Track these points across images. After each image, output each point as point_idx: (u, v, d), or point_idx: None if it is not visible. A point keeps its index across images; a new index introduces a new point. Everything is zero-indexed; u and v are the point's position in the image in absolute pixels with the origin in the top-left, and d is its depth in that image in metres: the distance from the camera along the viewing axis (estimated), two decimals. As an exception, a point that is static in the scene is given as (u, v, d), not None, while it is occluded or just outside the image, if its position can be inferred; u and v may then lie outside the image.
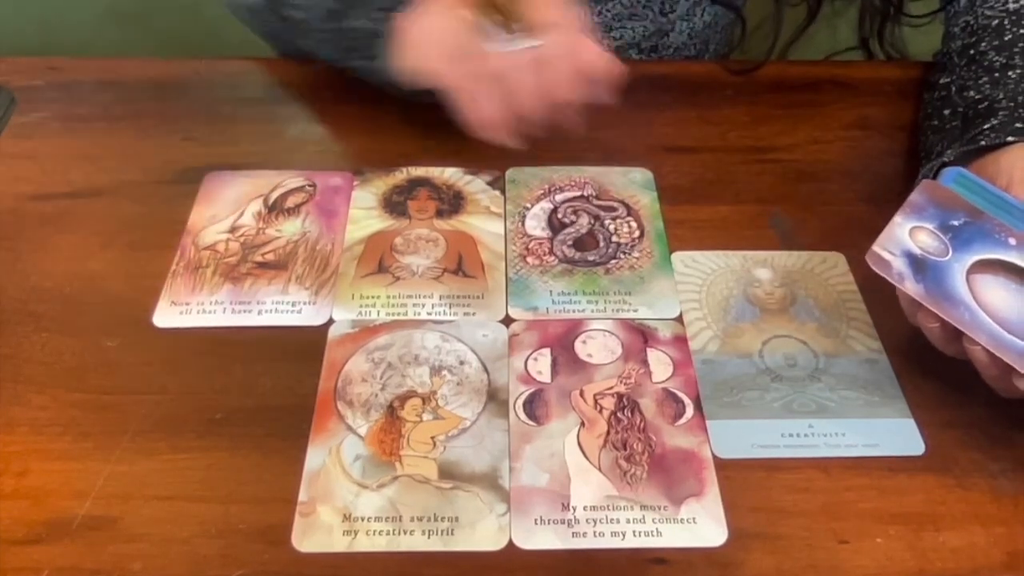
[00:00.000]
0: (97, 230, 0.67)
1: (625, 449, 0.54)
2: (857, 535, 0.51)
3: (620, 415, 0.56)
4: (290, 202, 0.70)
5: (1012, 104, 0.63)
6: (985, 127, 0.62)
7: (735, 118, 0.78)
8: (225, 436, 0.55)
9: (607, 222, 0.69)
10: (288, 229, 0.68)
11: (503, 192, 0.71)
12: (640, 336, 0.61)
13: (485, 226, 0.68)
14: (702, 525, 0.51)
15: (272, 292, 0.63)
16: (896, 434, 0.55)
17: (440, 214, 0.69)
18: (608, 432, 0.55)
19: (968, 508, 0.52)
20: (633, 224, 0.68)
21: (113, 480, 0.52)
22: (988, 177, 0.59)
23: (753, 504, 0.52)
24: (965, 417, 0.56)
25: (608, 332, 0.61)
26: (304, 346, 0.60)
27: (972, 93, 0.66)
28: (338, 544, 0.50)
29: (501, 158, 0.73)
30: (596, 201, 0.70)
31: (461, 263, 0.65)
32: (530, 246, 0.67)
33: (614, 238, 0.67)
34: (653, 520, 0.51)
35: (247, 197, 0.70)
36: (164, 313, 0.62)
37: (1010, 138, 0.60)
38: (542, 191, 0.71)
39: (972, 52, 0.70)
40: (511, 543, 0.50)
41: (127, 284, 0.63)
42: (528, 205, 0.70)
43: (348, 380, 0.58)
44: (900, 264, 0.56)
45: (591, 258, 0.66)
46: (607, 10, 0.85)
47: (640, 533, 0.50)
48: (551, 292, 0.63)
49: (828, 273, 0.65)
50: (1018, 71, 0.66)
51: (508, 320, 0.62)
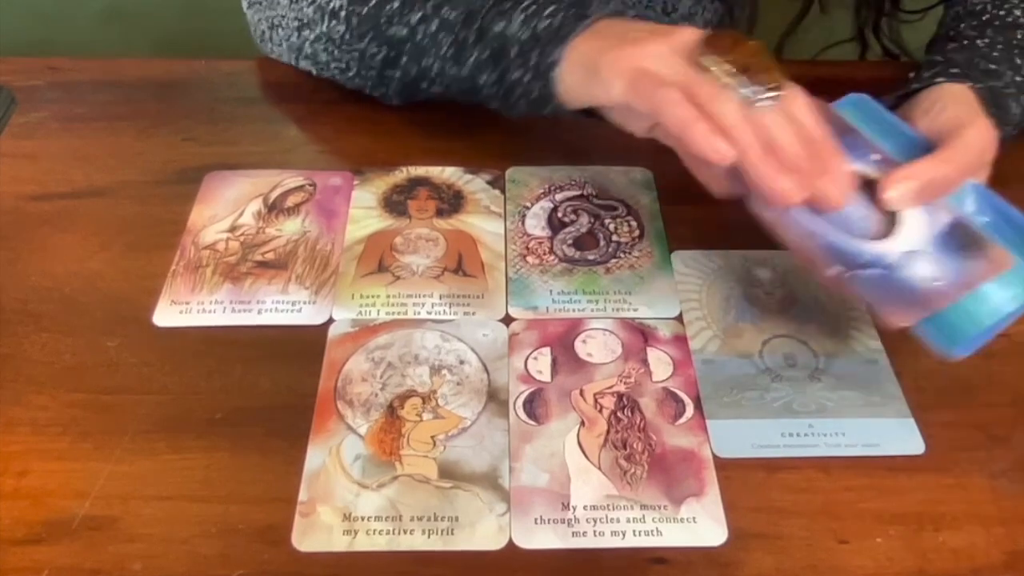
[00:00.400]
0: (97, 230, 0.67)
1: (625, 449, 0.54)
2: (857, 535, 0.51)
3: (620, 414, 0.56)
4: (290, 202, 0.70)
5: (959, 57, 0.65)
6: (925, 74, 0.65)
7: (735, 118, 0.77)
8: (225, 436, 0.55)
9: (607, 221, 0.69)
10: (288, 229, 0.68)
11: (503, 191, 0.71)
12: (640, 336, 0.61)
13: (485, 225, 0.68)
14: (702, 525, 0.51)
15: (272, 292, 0.63)
16: (896, 434, 0.55)
17: (440, 213, 0.69)
18: (608, 432, 0.55)
19: (968, 508, 0.52)
20: (633, 223, 0.68)
21: (113, 480, 0.52)
22: (908, 115, 0.61)
23: (753, 504, 0.52)
24: (965, 417, 0.56)
25: (608, 331, 0.61)
26: (304, 346, 0.60)
27: (936, 57, 0.68)
28: (338, 544, 0.50)
29: (501, 158, 0.73)
30: (596, 200, 0.70)
31: (461, 262, 0.65)
32: (530, 245, 0.67)
33: (614, 237, 0.67)
34: (653, 520, 0.51)
35: (247, 197, 0.70)
36: (164, 313, 0.62)
37: (939, 79, 0.62)
38: (542, 190, 0.71)
39: (952, 33, 0.72)
40: (511, 543, 0.50)
41: (127, 284, 0.63)
42: (528, 204, 0.70)
43: (348, 380, 0.58)
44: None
45: (591, 257, 0.66)
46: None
47: (640, 533, 0.50)
48: (551, 291, 0.63)
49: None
50: (985, 40, 0.68)
51: (508, 319, 0.62)
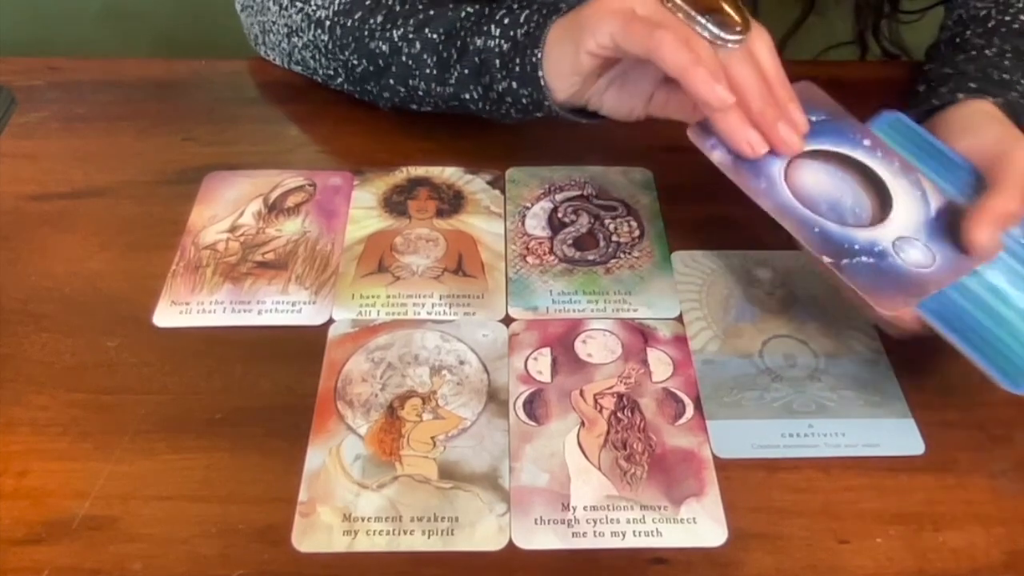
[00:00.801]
0: (97, 230, 0.67)
1: (625, 449, 0.54)
2: (857, 535, 0.51)
3: (620, 415, 0.56)
4: (290, 202, 0.70)
5: (971, 68, 0.64)
6: (942, 89, 0.64)
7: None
8: (225, 436, 0.55)
9: (607, 221, 0.69)
10: (288, 229, 0.68)
11: (503, 192, 0.71)
12: (640, 336, 0.61)
13: (485, 226, 0.68)
14: (702, 525, 0.51)
15: (272, 292, 0.63)
16: (896, 434, 0.55)
17: (440, 214, 0.69)
18: (608, 432, 0.55)
19: (968, 508, 0.52)
20: (633, 224, 0.68)
21: (113, 480, 0.52)
22: (940, 135, 0.61)
23: (753, 504, 0.52)
24: (965, 417, 0.56)
25: (608, 332, 0.61)
26: (304, 346, 0.60)
27: (947, 69, 0.68)
28: (338, 544, 0.50)
29: (501, 158, 0.73)
30: (596, 200, 0.70)
31: (461, 263, 0.65)
32: (530, 245, 0.67)
33: (614, 237, 0.67)
34: (653, 520, 0.51)
35: (247, 197, 0.70)
36: (164, 313, 0.62)
37: (960, 95, 0.61)
38: (542, 191, 0.71)
39: (957, 40, 0.72)
40: (511, 543, 0.50)
41: (127, 284, 0.63)
42: (528, 205, 0.70)
43: (348, 380, 0.58)
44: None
45: (591, 258, 0.66)
46: None
47: (640, 533, 0.50)
48: (551, 292, 0.63)
49: (828, 273, 0.64)
50: (994, 49, 0.67)
51: (508, 320, 0.62)
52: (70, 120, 0.77)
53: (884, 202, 0.56)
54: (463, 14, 0.66)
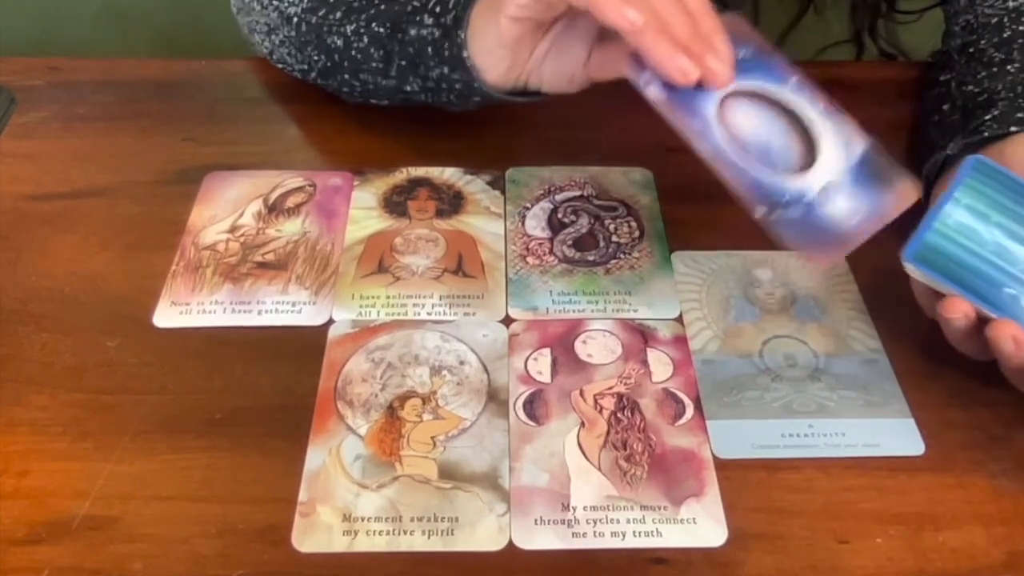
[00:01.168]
0: (97, 230, 0.67)
1: (625, 449, 0.54)
2: (857, 535, 0.51)
3: (620, 415, 0.56)
4: (290, 202, 0.70)
5: (1012, 95, 0.63)
6: (987, 118, 0.62)
7: (735, 118, 0.77)
8: (225, 436, 0.55)
9: (607, 222, 0.69)
10: (288, 229, 0.68)
11: (503, 192, 0.71)
12: (640, 336, 0.61)
13: (485, 226, 0.68)
14: (702, 525, 0.51)
15: (272, 292, 0.63)
16: (896, 434, 0.55)
17: (440, 214, 0.69)
18: (608, 432, 0.55)
19: (968, 508, 0.52)
20: (633, 224, 0.68)
21: (113, 480, 0.52)
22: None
23: (753, 504, 0.52)
24: (965, 417, 0.56)
25: (608, 332, 0.61)
26: (304, 346, 0.60)
27: (971, 87, 0.67)
28: (338, 544, 0.50)
29: (501, 158, 0.73)
30: (596, 201, 0.70)
31: (461, 263, 0.65)
32: (530, 246, 0.67)
33: (614, 238, 0.67)
34: (653, 520, 0.51)
35: (247, 197, 0.70)
36: (164, 313, 0.62)
37: (1013, 128, 0.60)
38: (542, 191, 0.71)
39: (971, 50, 0.70)
40: (511, 543, 0.50)
41: (127, 284, 0.63)
42: (528, 205, 0.70)
43: (348, 380, 0.58)
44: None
45: (591, 258, 0.66)
46: None
47: (640, 533, 0.50)
48: (551, 292, 0.63)
49: (828, 273, 0.65)
50: (1016, 65, 0.66)
51: (508, 320, 0.62)
52: (70, 120, 0.77)
53: (811, 145, 0.57)
54: (409, 7, 0.67)
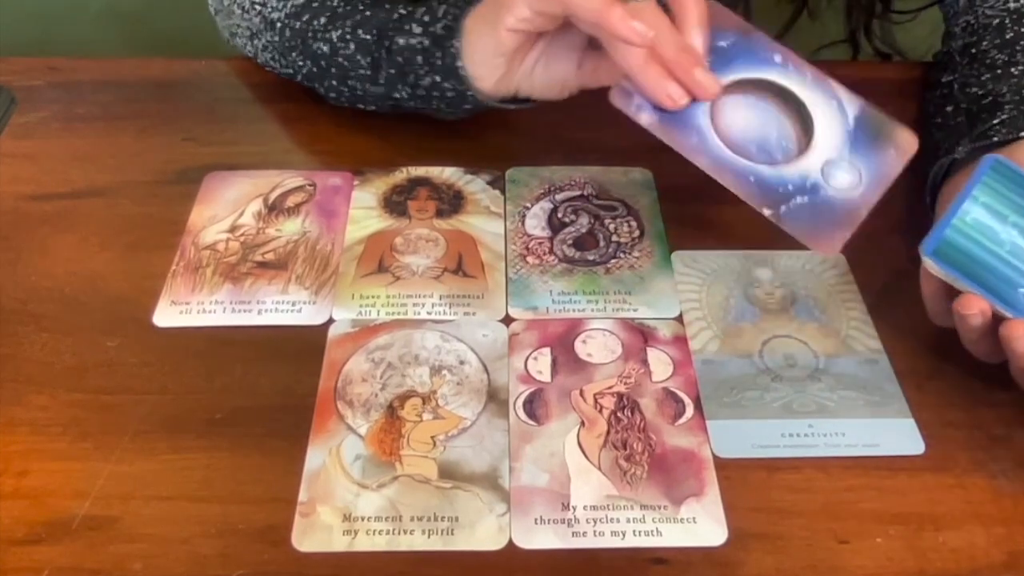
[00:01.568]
0: (97, 230, 0.67)
1: (625, 449, 0.54)
2: (857, 535, 0.51)
3: (620, 415, 0.56)
4: (290, 202, 0.70)
5: (1017, 98, 0.63)
6: (994, 122, 0.62)
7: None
8: (225, 436, 0.55)
9: (607, 222, 0.69)
10: (288, 229, 0.68)
11: (503, 192, 0.71)
12: (640, 336, 0.61)
13: (485, 226, 0.68)
14: (702, 525, 0.51)
15: (272, 292, 0.63)
16: (896, 434, 0.55)
17: (440, 214, 0.69)
18: (608, 432, 0.55)
19: (968, 508, 0.52)
20: (633, 224, 0.68)
21: (113, 480, 0.52)
22: None
23: (753, 504, 0.52)
24: (965, 417, 0.56)
25: (608, 332, 0.61)
26: (304, 346, 0.60)
27: (975, 89, 0.66)
28: (338, 544, 0.50)
29: (501, 158, 0.73)
30: (596, 200, 0.70)
31: (461, 263, 0.65)
32: (530, 246, 0.67)
33: (614, 238, 0.67)
34: (653, 520, 0.51)
35: (247, 197, 0.70)
36: (164, 313, 0.62)
37: (1022, 133, 0.60)
38: (542, 191, 0.71)
39: (973, 51, 0.70)
40: (511, 543, 0.50)
41: (127, 284, 0.63)
42: (528, 205, 0.70)
43: (348, 380, 0.58)
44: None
45: (591, 258, 0.66)
46: None
47: (640, 533, 0.50)
48: (551, 292, 0.63)
49: (828, 273, 0.65)
50: (1020, 67, 0.65)
51: (508, 320, 0.62)
52: (70, 120, 0.77)
53: (806, 123, 0.57)
54: (395, 15, 0.67)
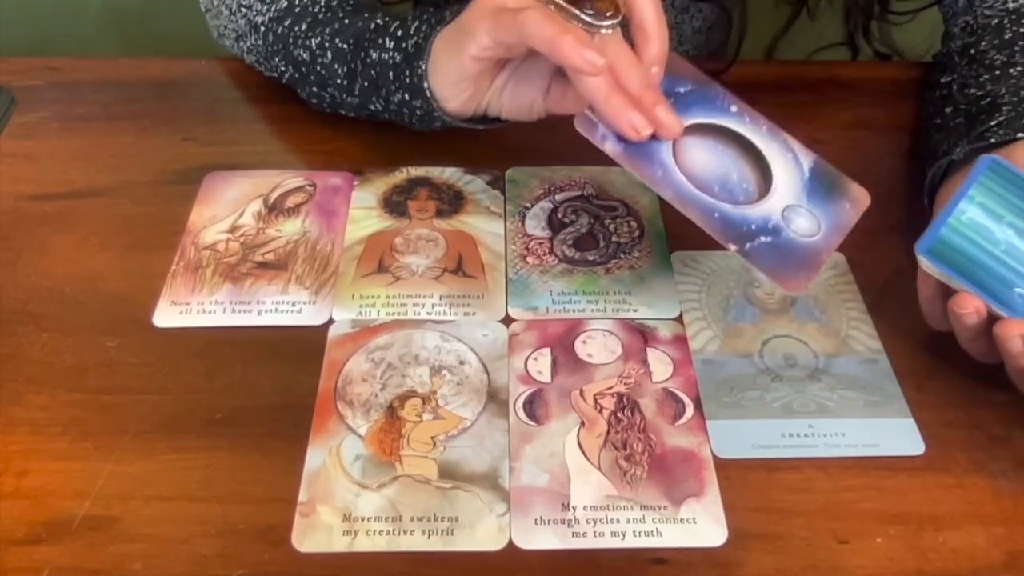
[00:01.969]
0: (97, 230, 0.67)
1: (625, 449, 0.54)
2: (857, 535, 0.51)
3: (620, 415, 0.56)
4: (290, 202, 0.70)
5: (1015, 99, 0.63)
6: (992, 124, 0.62)
7: (735, 118, 0.77)
8: (225, 436, 0.55)
9: (607, 222, 0.69)
10: (288, 229, 0.68)
11: (503, 192, 0.71)
12: (640, 336, 0.61)
13: (485, 226, 0.68)
14: (702, 525, 0.51)
15: (272, 292, 0.63)
16: (896, 434, 0.55)
17: (440, 214, 0.69)
18: (608, 432, 0.55)
19: (968, 508, 0.52)
20: (633, 224, 0.68)
21: (113, 480, 0.52)
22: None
23: (753, 504, 0.52)
24: (965, 417, 0.56)
25: (608, 332, 0.61)
26: (304, 346, 0.60)
27: (974, 90, 0.66)
28: (338, 544, 0.50)
29: (501, 158, 0.73)
30: (596, 201, 0.70)
31: (461, 263, 0.65)
32: (530, 246, 0.67)
33: (614, 238, 0.67)
34: (653, 520, 0.51)
35: (247, 197, 0.70)
36: (164, 313, 0.62)
37: (1019, 134, 0.60)
38: (542, 191, 0.71)
39: (972, 51, 0.70)
40: (511, 543, 0.50)
41: (127, 284, 0.63)
42: (528, 205, 0.70)
43: (348, 380, 0.58)
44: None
45: (591, 258, 0.66)
46: None
47: (640, 533, 0.50)
48: (551, 292, 0.63)
49: (828, 273, 0.65)
50: (1019, 68, 0.65)
51: (508, 320, 0.62)
52: (70, 120, 0.77)
53: (765, 170, 0.59)
54: (372, 25, 0.67)
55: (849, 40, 0.89)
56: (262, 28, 0.73)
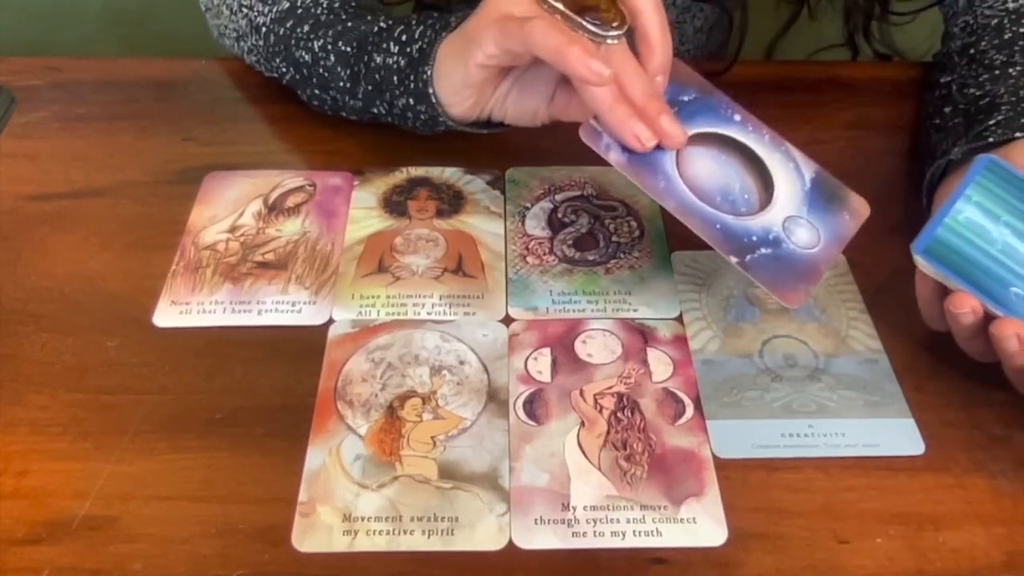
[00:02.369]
0: (97, 230, 0.67)
1: (625, 449, 0.54)
2: (857, 535, 0.51)
3: (620, 415, 0.56)
4: (290, 202, 0.70)
5: (1014, 99, 0.63)
6: (990, 123, 0.62)
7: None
8: (225, 436, 0.55)
9: (607, 222, 0.69)
10: (288, 229, 0.68)
11: (503, 192, 0.71)
12: (640, 336, 0.61)
13: (485, 226, 0.68)
14: (702, 525, 0.51)
15: (272, 292, 0.63)
16: (896, 434, 0.55)
17: (440, 214, 0.69)
18: (608, 432, 0.55)
19: (968, 508, 0.52)
20: (633, 224, 0.68)
21: (113, 480, 0.52)
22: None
23: (753, 504, 0.52)
24: (965, 417, 0.56)
25: (608, 332, 0.61)
26: (304, 346, 0.60)
27: (973, 90, 0.66)
28: (338, 544, 0.50)
29: (501, 158, 0.73)
30: (596, 201, 0.70)
31: (461, 263, 0.65)
32: (530, 246, 0.67)
33: (614, 238, 0.67)
34: (653, 520, 0.51)
35: (247, 197, 0.70)
36: (164, 313, 0.62)
37: (1017, 133, 0.60)
38: (542, 191, 0.71)
39: (972, 51, 0.70)
40: (511, 543, 0.50)
41: (127, 284, 0.63)
42: (528, 205, 0.70)
43: (348, 380, 0.58)
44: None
45: (591, 258, 0.66)
46: None
47: (640, 533, 0.50)
48: (551, 292, 0.63)
49: (828, 273, 0.64)
50: (1018, 68, 0.65)
51: (508, 320, 0.62)
52: (70, 120, 0.77)
53: (767, 181, 0.59)
54: (375, 28, 0.67)
55: (849, 40, 0.89)
56: (263, 29, 0.73)
